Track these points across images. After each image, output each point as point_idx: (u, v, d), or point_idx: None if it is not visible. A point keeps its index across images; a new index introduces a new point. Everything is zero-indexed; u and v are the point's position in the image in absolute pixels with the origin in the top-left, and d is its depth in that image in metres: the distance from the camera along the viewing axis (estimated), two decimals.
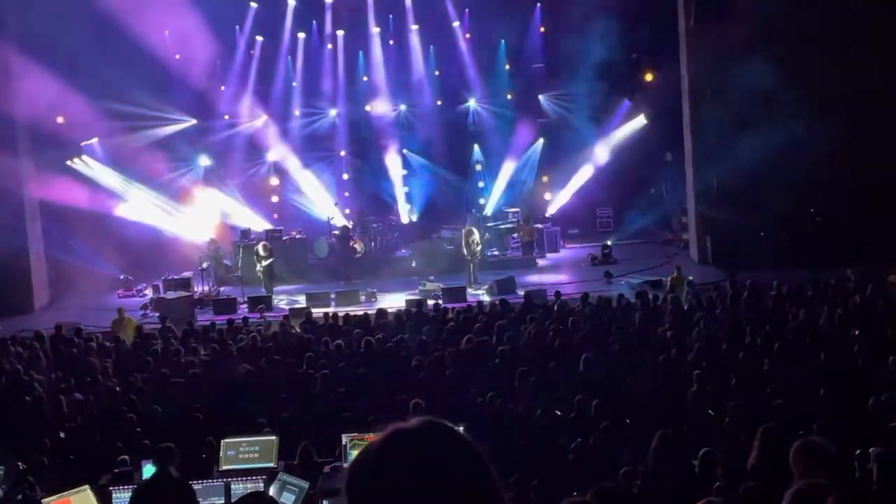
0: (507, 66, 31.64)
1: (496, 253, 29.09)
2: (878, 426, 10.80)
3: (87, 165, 28.63)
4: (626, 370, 14.39)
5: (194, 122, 30.55)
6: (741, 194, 24.77)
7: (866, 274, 19.85)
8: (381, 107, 31.87)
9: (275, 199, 32.11)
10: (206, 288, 27.11)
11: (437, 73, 31.82)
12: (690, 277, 22.45)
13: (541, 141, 31.47)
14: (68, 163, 27.94)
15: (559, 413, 12.77)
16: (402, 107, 32.00)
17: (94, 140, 28.89)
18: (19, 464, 11.55)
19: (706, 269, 25.30)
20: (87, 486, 10.17)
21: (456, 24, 30.97)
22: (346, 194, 32.35)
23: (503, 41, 31.23)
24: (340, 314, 20.34)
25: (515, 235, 29.33)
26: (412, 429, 2.79)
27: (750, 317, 17.16)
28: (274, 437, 11.74)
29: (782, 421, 10.38)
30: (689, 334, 16.15)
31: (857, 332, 15.33)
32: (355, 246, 28.89)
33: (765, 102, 24.46)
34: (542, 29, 30.77)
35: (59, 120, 27.23)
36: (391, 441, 2.78)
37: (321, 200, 31.30)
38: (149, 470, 10.66)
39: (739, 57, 24.64)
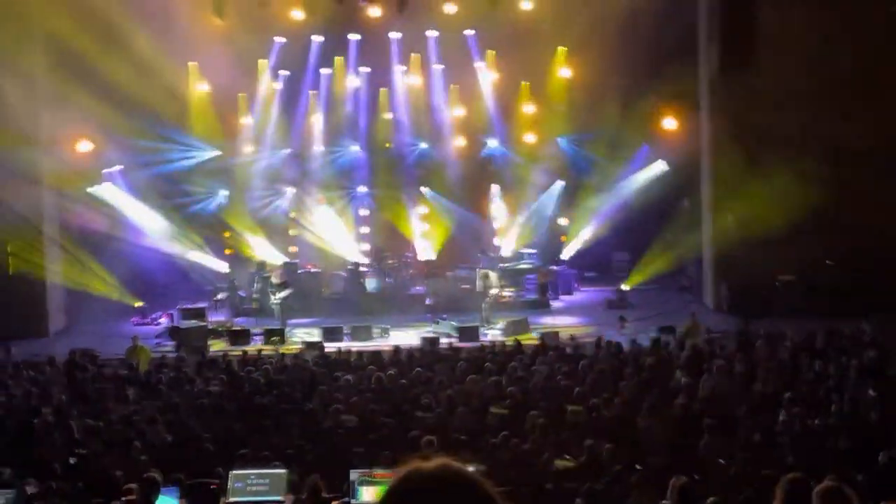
0: (529, 108, 31.74)
1: (511, 293, 29.08)
2: (889, 482, 10.74)
3: (108, 193, 28.81)
4: (638, 416, 14.35)
5: (216, 153, 30.75)
6: (758, 243, 24.73)
7: (882, 326, 19.78)
8: (402, 144, 32.09)
9: (292, 232, 32.21)
10: (222, 318, 27.17)
11: (458, 112, 31.96)
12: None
13: (559, 183, 31.51)
14: (89, 189, 28.12)
15: (568, 457, 12.74)
16: (423, 145, 32.14)
17: (117, 168, 29.07)
18: (28, 488, 11.57)
19: (721, 316, 25.24)
20: None
21: (479, 64, 31.15)
22: (364, 230, 32.46)
23: (525, 82, 31.38)
24: (354, 349, 20.37)
25: (531, 276, 29.34)
26: (430, 472, 2.80)
27: (764, 366, 17.10)
28: (283, 471, 11.74)
29: (792, 472, 10.33)
30: (703, 382, 16.10)
31: (871, 387, 15.26)
32: (367, 282, 28.96)
33: (785, 153, 24.51)
34: (564, 71, 30.86)
35: (83, 146, 27.46)
36: (409, 483, 2.79)
37: (338, 235, 31.43)
38: (161, 500, 10.67)
39: (761, 107, 24.75)
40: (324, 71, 31.46)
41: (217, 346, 24.12)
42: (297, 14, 28.58)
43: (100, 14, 24.51)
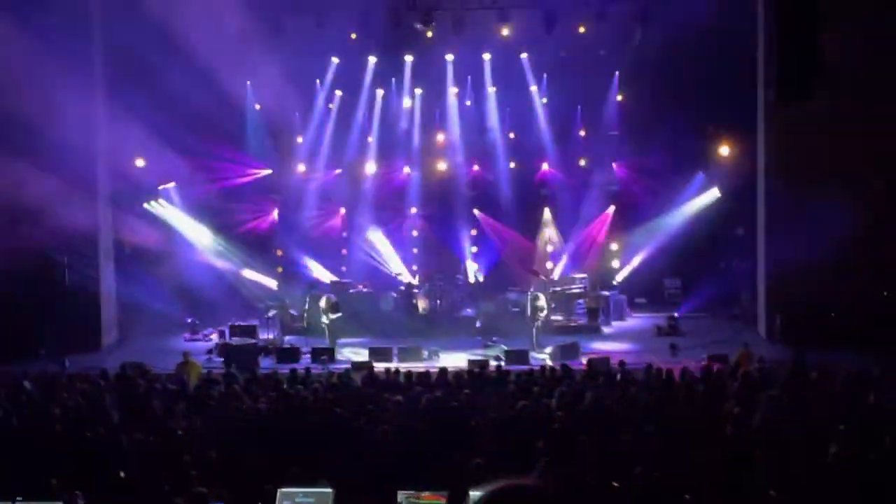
0: (582, 132, 31.76)
1: (561, 318, 28.95)
2: None
3: (162, 209, 29.15)
4: (688, 444, 14.18)
5: (269, 171, 31.05)
6: (813, 273, 24.47)
7: None
8: (454, 166, 32.19)
9: (344, 251, 32.38)
10: (272, 336, 27.27)
11: (511, 135, 32.05)
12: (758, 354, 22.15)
13: (612, 208, 31.45)
14: (145, 205, 28.48)
15: (616, 484, 12.61)
16: (475, 167, 32.22)
17: (172, 185, 29.44)
18: (78, 501, 11.64)
19: (774, 346, 24.95)
20: None
21: (533, 88, 31.20)
22: (415, 251, 32.55)
23: (579, 107, 31.40)
24: (402, 370, 20.34)
25: (581, 301, 29.20)
26: (530, 489, 2.79)
27: (817, 397, 16.85)
28: (330, 490, 11.71)
29: None
30: (754, 412, 15.90)
31: None
32: (418, 303, 28.98)
33: (841, 180, 24.28)
34: (618, 97, 30.87)
35: (139, 163, 27.81)
36: (509, 497, 2.78)
37: (389, 255, 31.56)
38: None
39: (818, 134, 24.55)
40: (378, 91, 31.66)
41: (266, 364, 24.22)
42: (353, 35, 28.77)
43: (158, 32, 24.79)
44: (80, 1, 25.12)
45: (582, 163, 31.88)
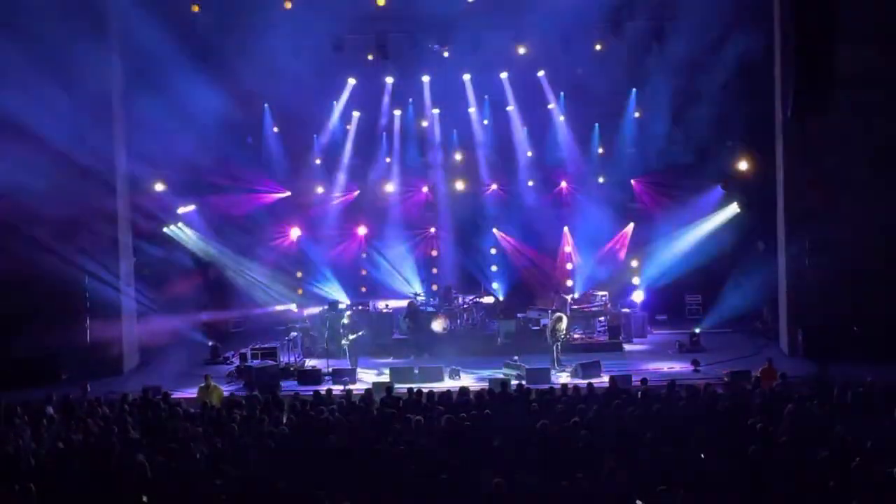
0: (601, 150, 31.76)
1: (582, 335, 28.86)
2: None
3: (182, 232, 29.27)
4: (711, 461, 14.11)
5: (288, 193, 31.19)
6: (835, 287, 24.37)
7: None
8: (472, 185, 32.24)
9: (363, 272, 32.46)
10: (293, 358, 27.28)
11: (529, 153, 32.08)
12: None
13: (631, 225, 31.38)
14: (165, 229, 28.60)
15: (640, 502, 12.55)
16: (494, 186, 32.27)
17: (191, 208, 29.56)
18: None
19: (797, 361, 24.79)
20: None
21: (551, 106, 31.24)
22: (435, 270, 32.58)
23: (597, 125, 31.41)
24: (423, 390, 20.30)
25: (602, 319, 29.12)
26: None
27: (841, 413, 16.74)
28: None
29: None
30: (778, 428, 15.81)
31: None
32: (435, 326, 28.91)
33: (862, 195, 24.18)
34: (636, 114, 30.86)
35: (159, 187, 27.94)
36: None
37: (409, 276, 31.59)
38: None
39: (837, 149, 24.48)
40: (396, 112, 31.77)
41: (288, 386, 24.22)
42: (370, 56, 28.91)
43: (174, 56, 24.96)
44: (99, 28, 25.18)
45: (601, 180, 31.86)
